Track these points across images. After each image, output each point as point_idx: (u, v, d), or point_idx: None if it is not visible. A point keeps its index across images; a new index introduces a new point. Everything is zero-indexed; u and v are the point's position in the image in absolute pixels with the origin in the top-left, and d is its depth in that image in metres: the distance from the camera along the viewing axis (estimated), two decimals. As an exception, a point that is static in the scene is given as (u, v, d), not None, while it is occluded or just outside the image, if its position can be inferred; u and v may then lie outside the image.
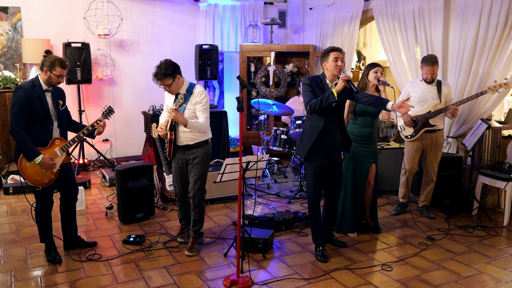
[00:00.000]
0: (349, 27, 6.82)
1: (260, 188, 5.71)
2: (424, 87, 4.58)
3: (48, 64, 3.39)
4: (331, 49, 3.66)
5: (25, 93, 3.34)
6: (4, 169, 5.82)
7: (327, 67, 3.66)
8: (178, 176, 3.91)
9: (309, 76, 3.76)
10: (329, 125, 3.66)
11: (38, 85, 3.42)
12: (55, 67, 3.38)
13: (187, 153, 3.79)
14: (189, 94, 3.69)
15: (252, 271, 3.49)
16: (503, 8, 4.54)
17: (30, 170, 3.40)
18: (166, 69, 3.57)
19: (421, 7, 5.41)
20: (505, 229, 4.48)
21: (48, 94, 3.47)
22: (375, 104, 3.65)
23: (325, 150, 3.70)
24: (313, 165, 3.72)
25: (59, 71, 3.40)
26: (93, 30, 6.48)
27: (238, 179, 3.36)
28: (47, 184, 3.47)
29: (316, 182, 3.74)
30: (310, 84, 3.67)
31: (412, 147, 4.68)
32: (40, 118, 3.41)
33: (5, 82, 5.83)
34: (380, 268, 3.61)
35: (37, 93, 3.39)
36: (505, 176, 4.51)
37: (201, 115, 3.70)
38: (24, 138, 3.33)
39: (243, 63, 7.29)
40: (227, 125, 5.96)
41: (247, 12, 7.67)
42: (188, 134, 3.71)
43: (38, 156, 3.36)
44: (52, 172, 3.47)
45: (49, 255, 3.66)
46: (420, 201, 4.85)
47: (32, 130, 3.39)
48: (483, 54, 4.80)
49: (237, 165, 3.54)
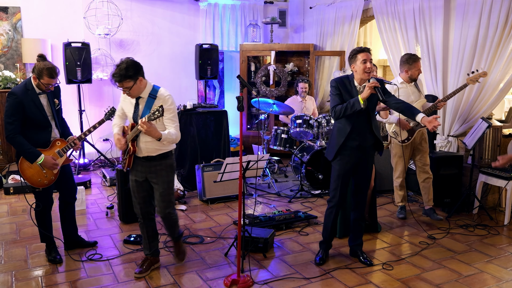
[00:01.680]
0: (349, 26, 6.82)
1: (260, 188, 5.70)
2: (406, 89, 4.48)
3: (36, 72, 3.33)
4: (358, 50, 3.47)
5: (17, 99, 3.29)
6: (5, 169, 5.82)
7: (355, 69, 3.49)
8: (137, 191, 3.39)
9: (336, 78, 3.57)
10: (358, 128, 3.51)
11: (31, 89, 3.36)
12: (42, 76, 3.31)
13: (149, 166, 3.29)
14: (152, 98, 3.21)
15: (252, 270, 3.48)
16: (504, 7, 4.53)
17: (30, 171, 3.39)
18: (127, 70, 3.07)
19: (421, 5, 5.40)
20: (505, 228, 4.47)
21: (42, 96, 3.42)
22: (405, 112, 3.55)
23: (353, 153, 3.53)
24: (338, 167, 3.58)
25: (47, 80, 3.32)
26: (93, 30, 6.48)
27: (239, 178, 3.35)
28: (47, 185, 3.46)
29: (340, 184, 3.58)
30: (336, 87, 3.50)
31: (405, 148, 4.62)
32: (36, 121, 3.38)
33: (5, 82, 5.84)
34: (380, 267, 3.61)
35: (30, 97, 3.34)
36: (506, 175, 4.51)
37: (171, 124, 3.23)
38: (20, 143, 3.30)
39: (243, 63, 7.29)
40: (228, 125, 5.96)
41: (247, 12, 7.67)
42: (152, 145, 3.24)
43: (40, 156, 3.35)
44: (52, 173, 3.46)
45: (50, 255, 3.67)
46: (426, 203, 4.71)
47: (30, 133, 3.37)
48: (484, 53, 4.80)
49: (237, 164, 3.54)
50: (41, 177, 3.42)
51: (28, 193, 3.91)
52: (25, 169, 3.39)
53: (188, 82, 7.43)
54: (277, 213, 4.46)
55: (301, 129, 5.65)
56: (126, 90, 3.16)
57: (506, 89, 4.76)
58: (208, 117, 5.77)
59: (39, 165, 3.37)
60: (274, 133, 5.91)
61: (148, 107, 3.19)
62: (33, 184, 3.41)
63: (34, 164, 3.36)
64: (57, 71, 3.39)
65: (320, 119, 5.72)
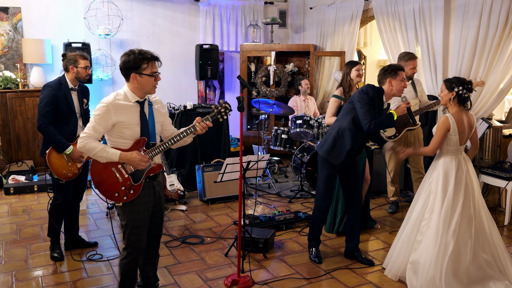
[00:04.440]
0: (349, 26, 6.82)
1: (260, 188, 5.71)
2: None
3: (72, 62, 3.58)
4: (399, 67, 3.40)
5: (52, 91, 3.52)
6: (5, 169, 5.82)
7: (392, 85, 3.38)
8: (146, 221, 2.80)
9: (374, 87, 3.40)
10: (366, 137, 3.58)
11: (64, 84, 3.59)
12: (78, 61, 3.57)
13: (153, 186, 2.84)
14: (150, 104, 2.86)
15: (253, 270, 3.49)
16: (504, 7, 4.53)
17: (57, 163, 3.53)
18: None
19: (421, 6, 5.40)
20: (506, 229, 4.47)
21: (74, 92, 3.65)
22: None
23: (347, 158, 3.54)
24: (329, 169, 3.55)
25: (83, 62, 3.59)
26: (93, 30, 6.49)
27: (239, 178, 3.36)
28: (70, 178, 3.59)
29: (328, 184, 3.58)
30: (373, 98, 3.35)
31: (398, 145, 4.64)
32: (65, 115, 3.57)
33: (6, 83, 5.84)
34: (380, 267, 3.61)
35: (63, 92, 3.56)
36: (506, 175, 4.51)
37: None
38: (52, 132, 3.48)
39: (244, 63, 7.29)
40: (228, 125, 5.97)
41: (248, 12, 7.67)
42: (158, 159, 2.88)
43: (69, 147, 3.50)
44: (76, 167, 3.61)
45: (54, 251, 3.73)
46: None
47: (58, 126, 3.53)
48: (484, 54, 4.80)
49: (237, 165, 3.54)
50: (66, 170, 3.56)
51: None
52: (53, 160, 3.52)
53: (188, 82, 7.43)
54: (277, 214, 4.46)
55: (301, 129, 5.65)
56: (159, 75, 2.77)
57: (506, 89, 4.76)
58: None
59: (65, 156, 3.53)
60: (274, 133, 5.91)
61: (151, 114, 2.81)
62: (58, 175, 3.54)
63: (61, 156, 3.52)
64: (85, 53, 3.68)
65: (321, 120, 5.72)
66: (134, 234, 2.76)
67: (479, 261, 3.21)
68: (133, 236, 2.77)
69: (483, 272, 3.20)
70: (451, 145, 3.31)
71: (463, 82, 3.29)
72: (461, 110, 3.32)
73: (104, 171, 2.69)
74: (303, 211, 4.75)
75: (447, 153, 3.34)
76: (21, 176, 5.73)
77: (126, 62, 2.64)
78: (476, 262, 3.21)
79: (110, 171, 2.70)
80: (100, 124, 2.63)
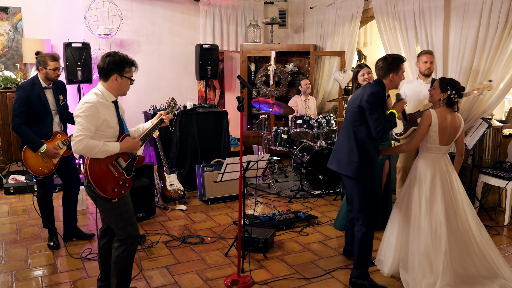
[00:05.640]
0: (349, 26, 6.82)
1: (260, 188, 5.71)
2: (417, 85, 4.51)
3: (42, 63, 3.65)
4: (402, 59, 3.22)
5: (25, 92, 3.62)
6: (5, 169, 5.82)
7: (393, 79, 3.18)
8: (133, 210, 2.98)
9: (380, 89, 3.16)
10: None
11: (37, 83, 3.68)
12: (47, 62, 3.64)
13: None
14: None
15: (253, 270, 3.48)
16: (504, 7, 4.53)
17: (32, 160, 3.65)
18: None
19: (421, 6, 5.40)
20: (506, 228, 4.47)
21: (48, 91, 3.73)
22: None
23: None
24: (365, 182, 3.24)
25: (53, 64, 3.65)
26: (93, 30, 6.49)
27: (239, 178, 3.36)
28: (47, 174, 3.72)
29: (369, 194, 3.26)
30: (383, 99, 3.12)
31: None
32: (40, 114, 3.67)
33: (6, 82, 5.83)
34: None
35: (37, 91, 3.65)
36: (506, 175, 4.51)
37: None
38: (25, 132, 3.59)
39: (244, 63, 7.29)
40: (228, 125, 5.97)
41: (248, 12, 7.67)
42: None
43: (42, 146, 3.61)
44: (52, 164, 3.73)
45: (50, 240, 3.90)
46: None
47: (34, 125, 3.64)
48: (484, 53, 4.80)
49: (237, 164, 3.54)
50: (41, 166, 3.68)
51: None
52: (28, 158, 3.64)
53: (188, 82, 7.43)
54: (277, 213, 4.46)
55: (301, 129, 5.65)
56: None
57: (506, 89, 4.76)
58: (209, 117, 5.78)
59: (41, 154, 3.63)
60: (275, 133, 5.91)
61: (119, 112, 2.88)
62: (34, 172, 3.67)
63: (36, 153, 3.63)
64: (57, 55, 3.71)
65: (320, 120, 5.72)
66: (131, 224, 2.89)
67: (466, 266, 3.23)
68: (130, 227, 2.87)
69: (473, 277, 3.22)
70: (431, 142, 3.28)
71: (457, 87, 3.26)
72: (447, 110, 3.30)
73: (102, 170, 2.76)
74: (303, 211, 4.75)
75: (427, 151, 3.32)
76: (21, 176, 5.73)
77: (111, 62, 2.69)
78: (463, 266, 3.22)
79: (107, 168, 2.78)
80: (92, 123, 2.66)
